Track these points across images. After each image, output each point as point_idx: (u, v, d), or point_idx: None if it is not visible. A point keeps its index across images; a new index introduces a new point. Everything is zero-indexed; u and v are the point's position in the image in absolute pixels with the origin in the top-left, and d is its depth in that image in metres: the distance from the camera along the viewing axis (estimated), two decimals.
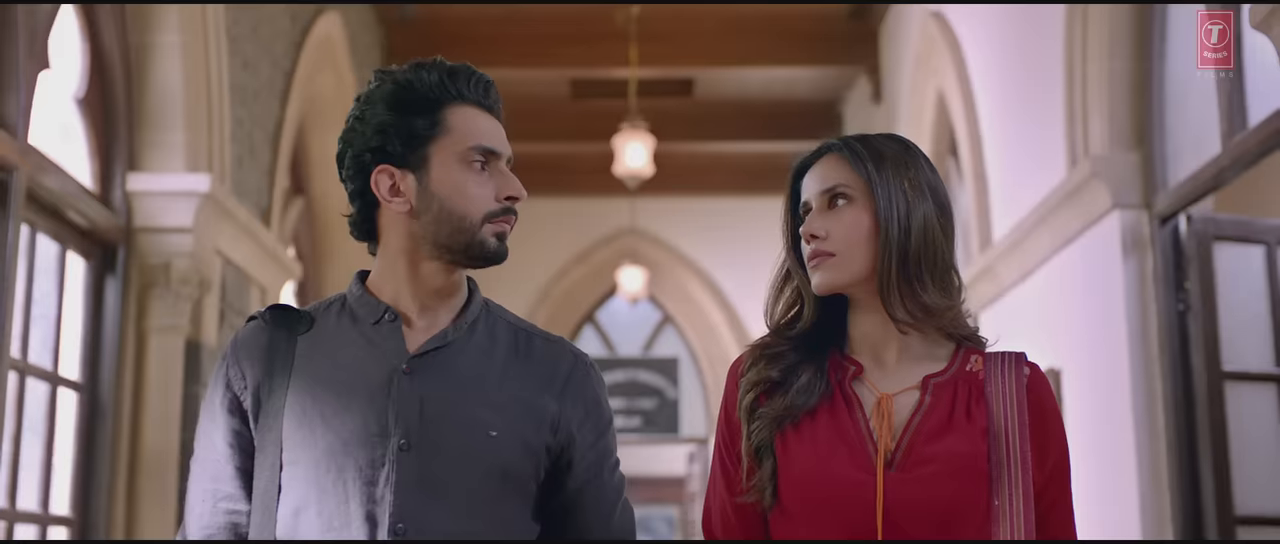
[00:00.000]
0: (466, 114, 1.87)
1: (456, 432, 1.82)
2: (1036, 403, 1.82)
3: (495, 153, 1.88)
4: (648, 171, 8.36)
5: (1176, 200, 4.34)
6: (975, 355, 1.85)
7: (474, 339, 1.91)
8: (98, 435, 4.63)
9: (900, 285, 1.79)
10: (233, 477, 1.87)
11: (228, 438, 1.88)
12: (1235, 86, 3.94)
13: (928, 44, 6.99)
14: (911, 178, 1.82)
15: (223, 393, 1.89)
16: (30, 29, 4.08)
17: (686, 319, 11.62)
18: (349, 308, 1.93)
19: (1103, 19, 4.63)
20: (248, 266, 5.52)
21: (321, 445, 1.81)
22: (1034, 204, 5.18)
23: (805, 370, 1.84)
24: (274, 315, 1.92)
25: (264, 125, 5.92)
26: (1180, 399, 4.30)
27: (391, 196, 1.87)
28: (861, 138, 1.87)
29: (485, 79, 1.93)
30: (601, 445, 1.96)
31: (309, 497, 1.80)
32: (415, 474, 1.79)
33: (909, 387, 1.82)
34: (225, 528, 1.88)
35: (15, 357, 4.05)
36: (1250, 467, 4.20)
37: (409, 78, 1.88)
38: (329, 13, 6.83)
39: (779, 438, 1.81)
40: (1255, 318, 4.29)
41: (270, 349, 1.88)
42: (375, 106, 1.87)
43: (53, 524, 4.43)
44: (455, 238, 1.86)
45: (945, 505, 1.73)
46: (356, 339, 1.88)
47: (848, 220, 1.81)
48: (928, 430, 1.78)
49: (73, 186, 4.40)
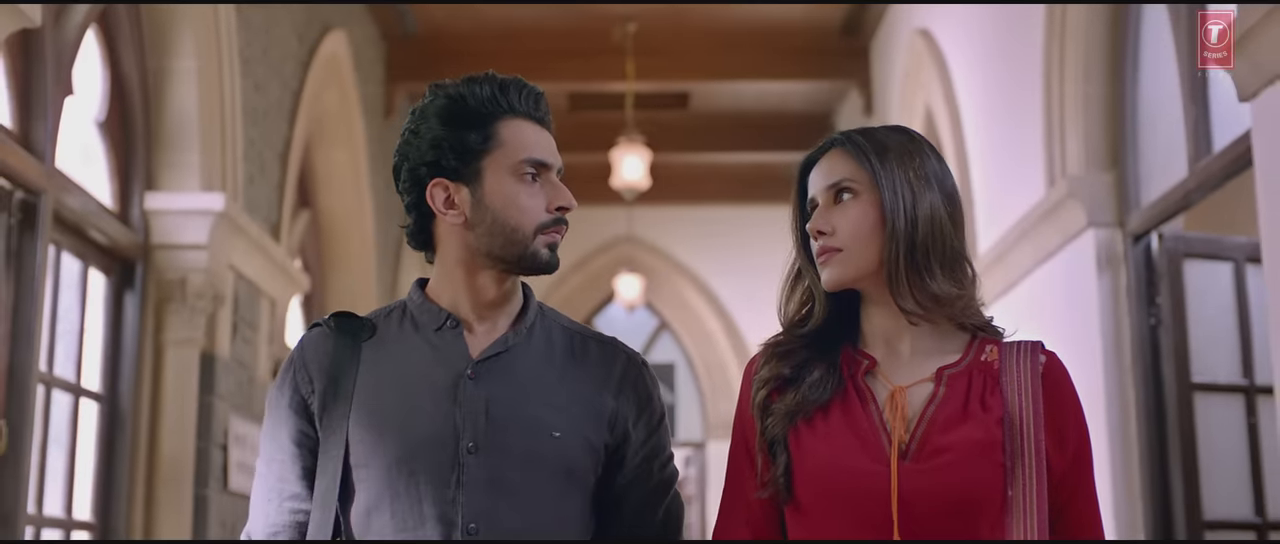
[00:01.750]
0: (518, 127, 1.92)
1: (522, 433, 1.88)
2: (1053, 390, 1.80)
3: (546, 164, 1.93)
4: (644, 184, 8.56)
5: (1149, 219, 4.54)
6: (990, 345, 1.83)
7: (532, 343, 1.96)
8: (117, 443, 4.84)
9: (909, 276, 1.78)
10: (299, 477, 1.93)
11: (295, 438, 1.93)
12: (1201, 113, 4.15)
13: (916, 60, 7.20)
14: (916, 168, 1.81)
15: (291, 395, 1.94)
16: (57, 58, 4.29)
17: (683, 326, 11.80)
18: (410, 315, 1.98)
19: (1078, 45, 4.84)
20: (258, 280, 5.73)
21: (393, 449, 1.86)
22: (1015, 220, 5.39)
23: (817, 366, 1.84)
24: (338, 322, 1.97)
25: (273, 143, 6.13)
26: (1152, 409, 4.50)
27: (446, 209, 1.91)
28: (865, 131, 1.87)
29: (536, 91, 1.97)
30: (654, 441, 2.00)
31: (382, 498, 1.86)
32: (485, 475, 1.85)
33: (923, 379, 1.81)
34: (291, 526, 1.93)
35: (41, 370, 4.25)
36: (1218, 473, 4.39)
37: (462, 92, 1.92)
38: (335, 32, 7.04)
39: (792, 433, 1.81)
40: (1223, 332, 4.48)
41: (336, 355, 1.93)
42: (429, 121, 1.92)
43: (76, 528, 4.64)
44: (509, 249, 1.90)
45: (961, 494, 1.72)
46: (420, 345, 1.94)
47: (853, 215, 1.81)
48: (942, 421, 1.77)
49: (94, 206, 4.61)
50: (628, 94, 8.73)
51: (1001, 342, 1.84)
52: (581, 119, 9.65)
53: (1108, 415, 4.60)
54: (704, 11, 8.28)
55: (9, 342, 3.97)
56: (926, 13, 7.04)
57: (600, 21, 8.28)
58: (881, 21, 8.23)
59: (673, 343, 12.02)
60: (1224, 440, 4.42)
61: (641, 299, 10.61)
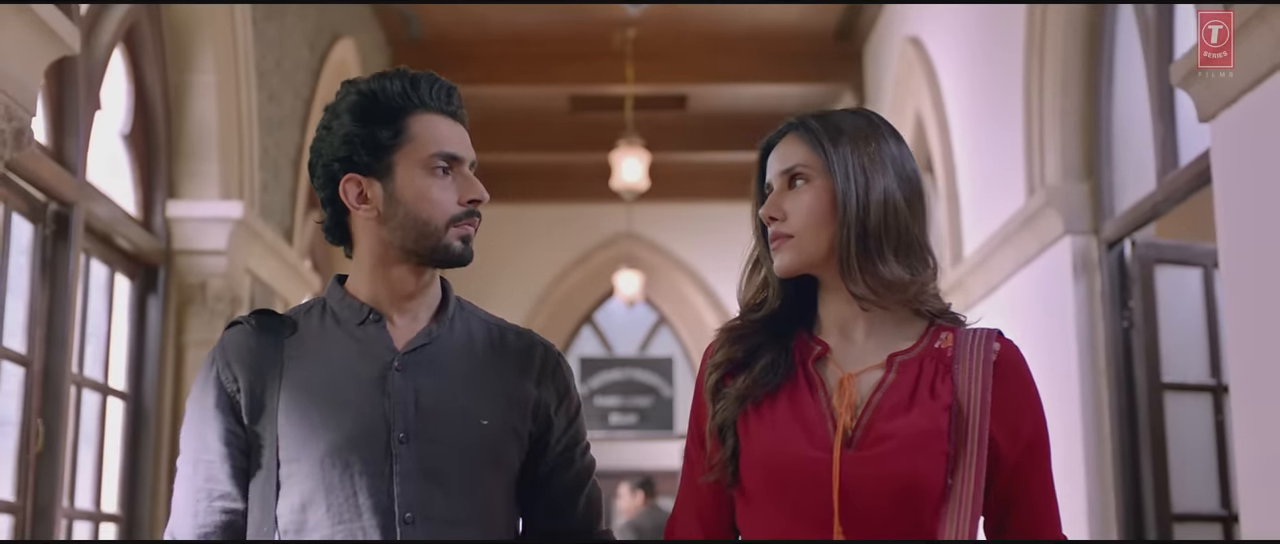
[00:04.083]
0: (429, 121, 1.91)
1: (452, 422, 1.89)
2: (1006, 379, 1.76)
3: (458, 158, 1.93)
4: (643, 186, 8.80)
5: (1122, 227, 4.77)
6: (946, 332, 1.79)
7: (455, 335, 1.97)
8: (142, 440, 5.09)
9: (860, 261, 1.74)
10: (230, 476, 1.89)
11: (224, 437, 1.89)
12: (1168, 129, 4.39)
13: (906, 67, 7.42)
14: (871, 152, 1.77)
15: (216, 393, 1.91)
16: (88, 76, 4.53)
17: (681, 320, 12.01)
18: (330, 310, 1.97)
19: (1056, 62, 5.08)
20: (273, 282, 5.97)
21: (324, 442, 1.85)
22: (998, 226, 5.63)
23: (769, 351, 1.81)
24: (259, 320, 1.96)
25: (287, 151, 6.37)
26: (1124, 408, 4.73)
27: (359, 204, 1.91)
28: (821, 115, 1.84)
29: (448, 86, 1.95)
30: (574, 429, 2.02)
31: (315, 492, 1.85)
32: (418, 465, 1.86)
33: (874, 365, 1.78)
34: (221, 526, 1.89)
35: (72, 371, 4.49)
36: (1187, 469, 4.62)
37: (373, 88, 1.91)
38: (344, 40, 7.27)
39: (741, 418, 1.78)
40: (1193, 334, 4.71)
41: (258, 352, 1.91)
42: (341, 117, 1.91)
43: (104, 521, 4.89)
44: (422, 242, 1.90)
45: (902, 483, 1.68)
46: (343, 339, 1.93)
47: (806, 201, 1.78)
48: (888, 408, 1.73)
49: (119, 214, 4.86)
50: (627, 96, 8.94)
51: (958, 329, 1.80)
52: (582, 120, 9.86)
53: (1082, 413, 4.84)
54: (701, 17, 8.49)
55: (44, 346, 4.22)
56: (917, 21, 7.28)
57: (601, 26, 8.48)
58: (874, 28, 8.46)
59: (671, 337, 12.23)
60: (1193, 437, 4.64)
61: (641, 294, 10.82)
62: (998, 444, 1.74)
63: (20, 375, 4.11)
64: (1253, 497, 3.46)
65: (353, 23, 7.62)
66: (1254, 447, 3.46)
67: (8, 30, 3.35)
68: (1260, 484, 3.41)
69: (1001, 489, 1.76)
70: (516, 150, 9.96)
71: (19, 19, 3.38)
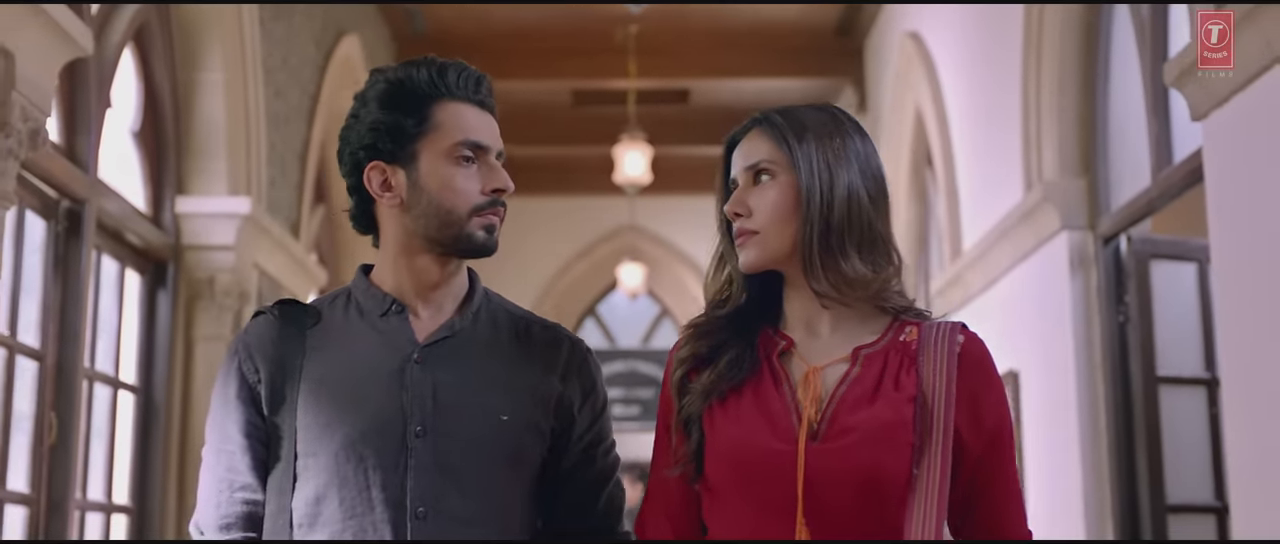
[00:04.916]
0: (455, 110, 1.90)
1: (470, 417, 1.86)
2: (970, 371, 1.76)
3: (483, 147, 1.91)
4: (645, 180, 8.87)
5: (1118, 223, 4.83)
6: (911, 326, 1.80)
7: (479, 327, 1.94)
8: (152, 433, 5.16)
9: (822, 258, 1.75)
10: (250, 467, 1.88)
11: (244, 428, 1.89)
12: (1163, 127, 4.45)
13: (906, 62, 7.48)
14: (836, 148, 1.78)
15: (238, 385, 1.90)
16: (99, 76, 4.60)
17: (683, 313, 12.01)
18: (355, 301, 1.95)
19: (1053, 60, 5.14)
20: (280, 276, 6.05)
21: (341, 435, 1.84)
22: (996, 221, 5.69)
23: (734, 346, 1.81)
24: (283, 310, 1.95)
25: (293, 146, 6.44)
26: (1120, 401, 4.79)
27: (383, 192, 1.90)
28: (786, 110, 1.84)
29: (476, 74, 1.94)
30: (598, 428, 1.99)
31: (330, 485, 1.84)
32: (433, 459, 1.83)
33: (838, 359, 1.79)
34: (242, 518, 1.88)
35: (85, 365, 4.56)
36: (1181, 462, 4.68)
37: (401, 76, 1.90)
38: (349, 36, 7.34)
39: (707, 413, 1.79)
40: (1187, 328, 4.77)
41: (281, 343, 1.90)
42: (369, 105, 1.90)
43: (115, 513, 4.97)
44: (444, 231, 1.89)
45: (865, 474, 1.69)
46: (366, 331, 1.91)
47: (770, 197, 1.78)
48: (852, 400, 1.74)
49: (130, 211, 4.93)
50: (630, 91, 9.01)
51: (923, 323, 1.81)
52: (585, 114, 9.93)
53: (1079, 407, 4.90)
54: (703, 12, 8.55)
55: (57, 341, 4.29)
56: (916, 17, 7.34)
57: (603, 22, 8.54)
58: (874, 23, 8.52)
59: (673, 329, 12.25)
60: (1187, 430, 4.70)
61: (643, 287, 10.87)
62: (962, 436, 1.75)
63: (34, 370, 4.19)
64: (1244, 489, 3.53)
65: (358, 19, 7.69)
66: (1245, 439, 3.52)
67: (25, 33, 3.42)
68: (1252, 476, 3.48)
69: (965, 481, 1.77)
70: (520, 144, 9.96)
71: (35, 21, 3.45)
